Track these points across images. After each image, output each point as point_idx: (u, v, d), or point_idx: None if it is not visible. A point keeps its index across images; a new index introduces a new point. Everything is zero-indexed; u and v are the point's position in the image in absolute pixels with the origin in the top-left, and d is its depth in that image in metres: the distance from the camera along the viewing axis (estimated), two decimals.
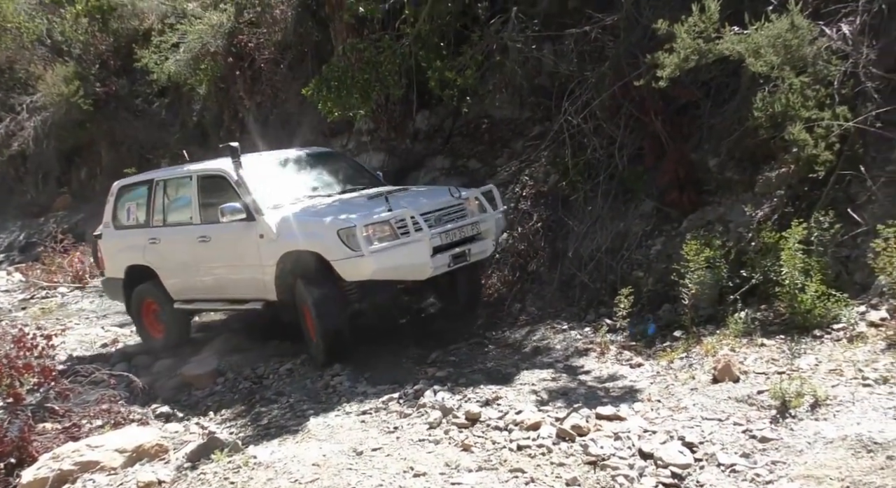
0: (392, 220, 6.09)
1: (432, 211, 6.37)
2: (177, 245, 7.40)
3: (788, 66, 5.20)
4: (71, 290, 10.98)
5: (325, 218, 6.25)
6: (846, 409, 3.81)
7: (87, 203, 15.26)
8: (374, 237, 5.98)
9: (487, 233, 6.65)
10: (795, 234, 4.93)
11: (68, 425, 5.47)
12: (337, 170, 7.74)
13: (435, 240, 6.18)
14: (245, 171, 6.81)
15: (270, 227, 6.46)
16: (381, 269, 6.03)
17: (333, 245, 6.03)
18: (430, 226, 6.21)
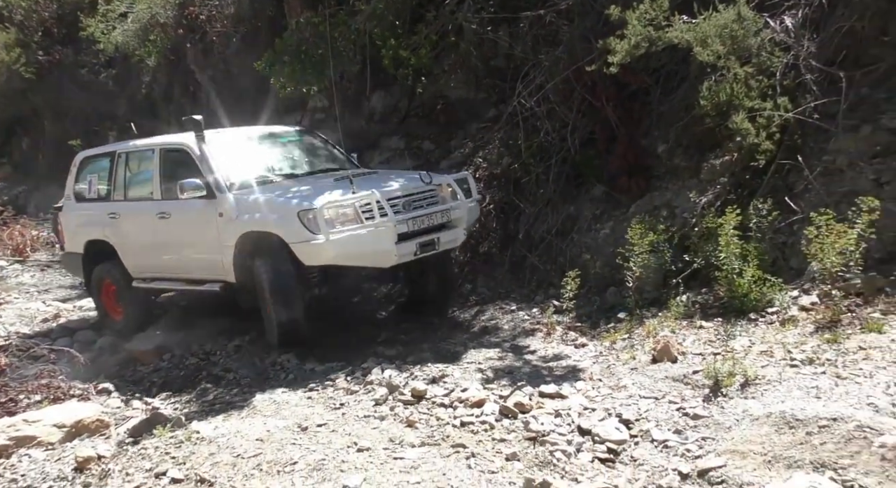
0: (356, 204, 5.81)
1: (401, 196, 6.08)
2: (136, 220, 7.15)
3: (734, 56, 5.34)
4: (11, 264, 10.65)
5: (286, 198, 6.01)
6: (773, 388, 3.97)
7: (29, 175, 14.81)
8: (337, 221, 5.74)
9: (459, 221, 6.37)
10: (731, 221, 5.09)
11: (4, 400, 5.36)
12: (307, 149, 7.46)
13: (401, 227, 5.90)
14: (208, 147, 6.58)
15: (231, 206, 6.23)
16: (341, 255, 5.79)
17: (293, 227, 5.76)
18: (398, 211, 5.94)
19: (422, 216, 6.09)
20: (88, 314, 8.20)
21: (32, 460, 4.36)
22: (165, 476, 3.84)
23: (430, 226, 6.14)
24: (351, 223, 5.77)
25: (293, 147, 7.41)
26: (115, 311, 7.59)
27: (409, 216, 5.99)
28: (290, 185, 6.41)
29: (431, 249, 6.13)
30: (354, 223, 5.78)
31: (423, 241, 6.05)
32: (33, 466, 4.27)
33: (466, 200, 6.47)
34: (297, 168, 7.07)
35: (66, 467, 4.20)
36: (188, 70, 11.86)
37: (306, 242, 5.74)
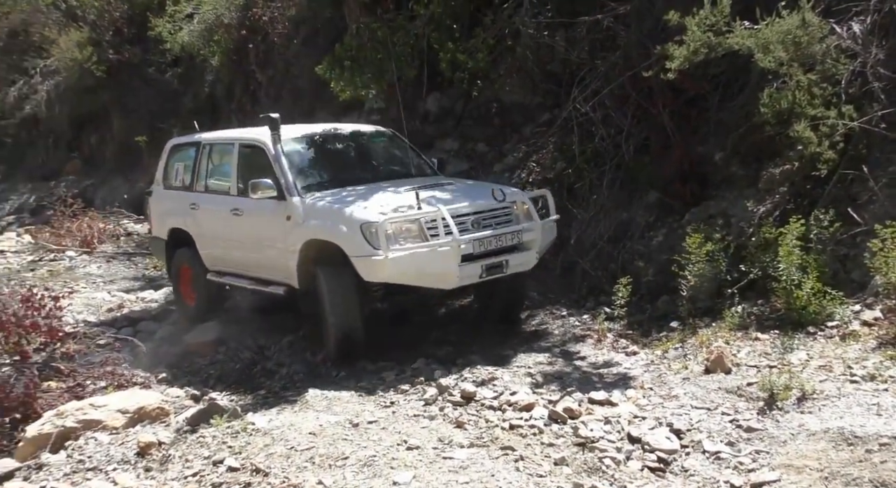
0: (422, 220, 5.55)
1: (469, 213, 5.74)
2: (213, 214, 7.08)
3: (797, 63, 5.23)
4: (79, 254, 11.10)
5: (352, 208, 5.73)
6: (831, 404, 3.90)
7: (97, 169, 15.39)
8: (399, 237, 5.48)
9: (531, 243, 5.94)
10: (793, 231, 5.00)
11: (73, 385, 5.61)
12: (388, 153, 7.16)
13: (466, 248, 5.55)
14: (283, 146, 6.41)
15: (299, 210, 6.04)
16: (400, 273, 5.53)
17: (355, 240, 5.54)
18: (464, 230, 5.60)
19: (490, 236, 5.74)
20: (150, 305, 8.50)
21: (98, 443, 4.56)
22: (223, 464, 3.98)
23: (499, 248, 5.78)
24: (414, 240, 5.51)
25: (373, 149, 7.23)
26: (190, 297, 7.63)
27: (476, 236, 5.65)
28: (362, 193, 6.14)
29: (499, 272, 5.77)
30: (418, 240, 5.52)
31: (491, 264, 5.71)
32: (99, 449, 4.48)
33: (542, 221, 6.08)
34: (374, 172, 6.83)
35: (129, 451, 4.38)
36: (249, 70, 12.17)
37: (366, 257, 5.50)
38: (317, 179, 6.44)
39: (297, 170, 6.37)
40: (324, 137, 7.00)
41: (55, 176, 15.79)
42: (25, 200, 15.18)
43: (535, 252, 5.99)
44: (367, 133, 7.38)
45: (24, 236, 12.58)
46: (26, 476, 4.35)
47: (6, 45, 16.66)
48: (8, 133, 16.64)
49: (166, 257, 7.91)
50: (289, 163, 6.33)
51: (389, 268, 5.46)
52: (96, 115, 15.56)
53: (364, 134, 7.34)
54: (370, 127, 7.67)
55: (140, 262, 10.67)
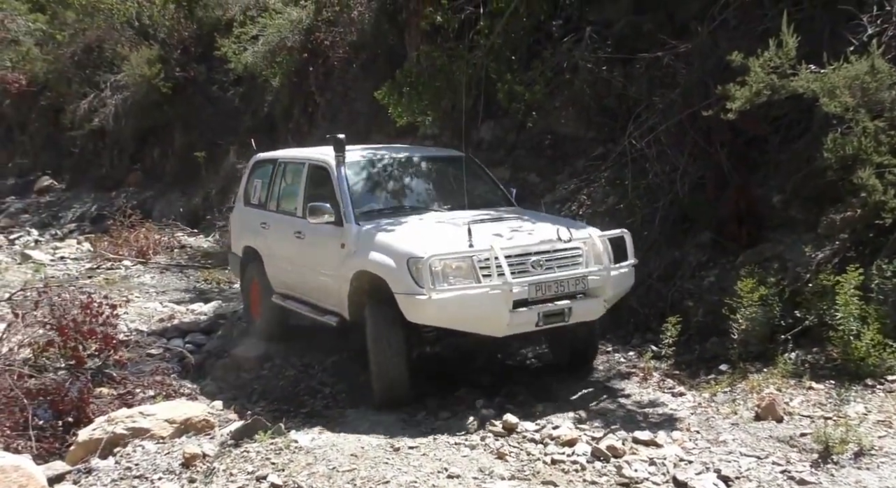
0: (475, 258, 5.07)
1: (529, 253, 5.23)
2: (279, 235, 6.86)
3: (864, 109, 5.14)
4: (134, 264, 11.43)
5: (403, 241, 5.34)
6: (891, 461, 3.76)
7: (157, 182, 15.90)
8: (448, 276, 5.03)
9: (599, 290, 5.40)
10: (851, 280, 4.87)
11: (123, 392, 5.76)
12: (457, 180, 6.51)
13: (520, 292, 5.05)
14: (347, 169, 6.15)
15: (352, 238, 5.72)
16: (445, 316, 5.10)
17: (400, 275, 5.13)
18: (525, 271, 5.14)
19: (551, 281, 5.20)
20: (200, 317, 8.68)
21: (145, 451, 4.66)
22: (266, 480, 4.02)
23: (560, 294, 5.25)
24: (464, 280, 5.04)
25: (445, 176, 6.73)
26: (257, 311, 7.51)
27: (533, 279, 5.13)
28: (420, 224, 5.80)
29: (559, 321, 5.22)
30: (469, 280, 5.05)
31: (550, 311, 5.17)
32: (146, 457, 4.57)
33: (616, 265, 5.53)
34: (442, 201, 6.33)
35: (175, 462, 4.45)
36: (309, 91, 12.47)
37: (410, 295, 5.07)
38: (378, 206, 6.17)
39: (358, 195, 6.11)
40: (392, 161, 6.62)
41: (117, 187, 16.35)
42: (87, 209, 15.75)
43: (602, 300, 5.43)
44: (440, 158, 6.97)
45: (84, 244, 13.03)
46: (76, 479, 4.46)
47: (80, 59, 17.41)
48: (76, 144, 17.33)
49: (241, 273, 7.83)
50: (350, 188, 6.06)
51: (433, 310, 5.02)
52: (159, 130, 16.12)
53: (437, 159, 6.94)
54: (445, 151, 7.22)
55: (192, 275, 10.93)
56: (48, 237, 14.08)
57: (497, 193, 6.64)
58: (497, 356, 6.68)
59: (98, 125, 16.20)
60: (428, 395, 5.62)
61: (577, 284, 5.33)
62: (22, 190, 17.76)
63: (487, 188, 6.66)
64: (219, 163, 14.39)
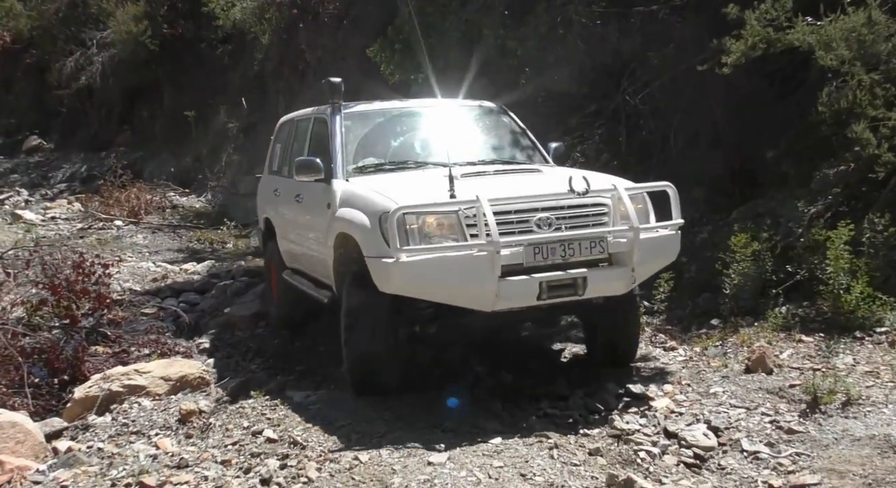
0: (461, 213, 4.12)
1: (522, 208, 4.20)
2: (285, 201, 6.14)
3: (860, 62, 5.09)
4: (126, 224, 11.39)
5: (380, 195, 4.44)
6: (878, 410, 3.83)
7: (147, 142, 15.74)
8: (430, 235, 4.12)
9: (625, 258, 4.30)
10: (842, 235, 4.89)
11: (118, 350, 5.79)
12: (483, 133, 5.76)
13: (511, 255, 4.06)
14: (346, 119, 5.38)
15: (336, 196, 4.89)
16: (416, 285, 4.17)
17: (371, 235, 4.28)
18: (515, 231, 4.15)
19: (554, 242, 4.16)
20: (193, 277, 8.68)
21: (142, 408, 4.71)
22: (262, 434, 4.06)
23: (570, 260, 4.19)
24: (448, 240, 4.12)
25: (467, 129, 5.76)
26: (275, 292, 6.75)
27: (530, 239, 4.13)
28: (417, 177, 4.96)
29: (569, 294, 4.20)
30: (449, 240, 4.12)
31: (555, 281, 4.14)
32: (142, 414, 4.62)
33: (651, 224, 4.50)
34: (460, 156, 5.03)
35: (171, 418, 4.51)
36: (299, 49, 12.25)
37: (377, 258, 4.20)
38: (377, 161, 5.29)
39: (355, 148, 5.30)
40: (403, 112, 5.77)
41: (107, 147, 16.18)
42: (77, 169, 15.59)
43: (629, 269, 4.30)
44: (465, 108, 6.00)
45: (75, 204, 12.95)
46: (73, 435, 4.51)
47: (65, 16, 17.03)
48: (63, 103, 17.07)
49: (264, 248, 7.06)
50: (344, 140, 5.24)
51: (401, 276, 4.11)
52: (148, 89, 15.88)
53: (459, 110, 5.98)
54: (471, 102, 6.16)
55: (184, 235, 10.92)
56: (38, 197, 13.96)
57: (529, 149, 5.68)
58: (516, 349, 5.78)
59: (85, 84, 15.90)
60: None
61: (593, 248, 4.21)
62: (10, 150, 17.55)
63: (517, 142, 5.70)
64: (209, 122, 14.23)
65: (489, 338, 5.55)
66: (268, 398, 4.66)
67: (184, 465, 3.78)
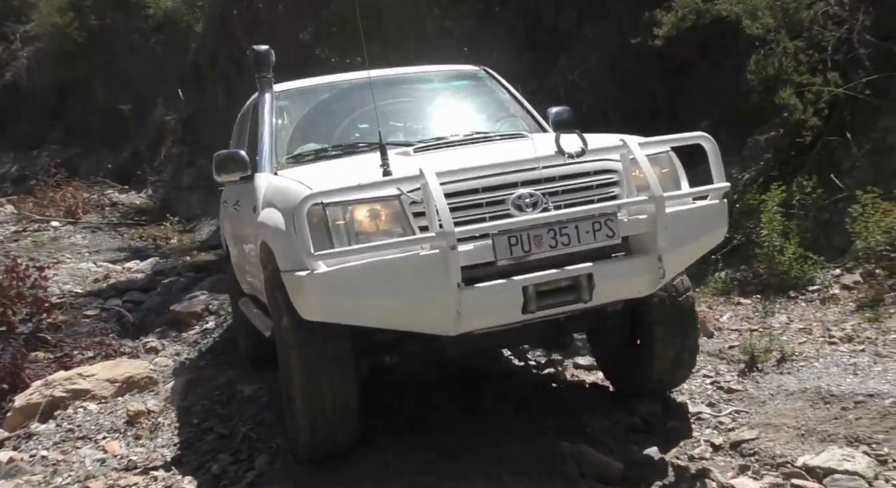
0: (404, 200, 2.90)
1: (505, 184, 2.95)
2: (229, 210, 5.02)
3: (784, 30, 5.24)
4: (63, 225, 11.03)
5: (296, 186, 3.19)
6: (810, 365, 3.99)
7: (81, 138, 15.22)
8: (354, 230, 2.90)
9: (646, 241, 3.05)
10: (775, 197, 5.05)
11: (60, 355, 5.62)
12: (458, 103, 4.56)
13: (474, 251, 2.85)
14: (276, 99, 4.22)
15: (258, 193, 3.72)
16: (336, 306, 2.93)
17: (283, 239, 3.10)
18: (500, 214, 2.92)
19: (539, 226, 2.90)
20: (137, 275, 8.48)
21: (87, 412, 4.59)
22: (213, 432, 4.02)
23: (567, 251, 2.93)
24: (383, 238, 2.87)
25: (437, 99, 4.56)
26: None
27: (500, 225, 2.88)
28: (357, 159, 3.71)
29: (571, 301, 2.95)
30: (391, 237, 2.87)
31: (546, 283, 2.91)
32: (88, 418, 4.50)
33: (682, 192, 3.23)
34: (429, 132, 4.04)
35: (119, 420, 4.41)
36: (235, 38, 11.99)
37: (290, 273, 3.00)
38: (323, 145, 4.03)
39: (289, 133, 4.16)
40: (353, 85, 4.40)
41: (38, 145, 15.61)
42: (7, 170, 15.02)
43: (655, 258, 3.01)
44: (436, 77, 4.71)
45: (7, 206, 12.46)
46: (16, 445, 4.37)
47: None
48: None
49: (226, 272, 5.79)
50: (275, 124, 4.11)
51: (319, 295, 2.88)
52: (80, 83, 15.35)
53: (431, 78, 4.68)
54: (443, 68, 4.89)
55: (125, 233, 10.64)
56: None
57: (521, 118, 4.40)
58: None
59: (11, 80, 15.31)
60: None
61: (598, 231, 2.91)
62: None
63: (504, 110, 4.45)
64: (146, 116, 13.84)
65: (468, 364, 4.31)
66: (218, 393, 4.60)
67: (133, 467, 3.72)
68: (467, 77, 4.71)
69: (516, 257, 2.89)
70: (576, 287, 2.94)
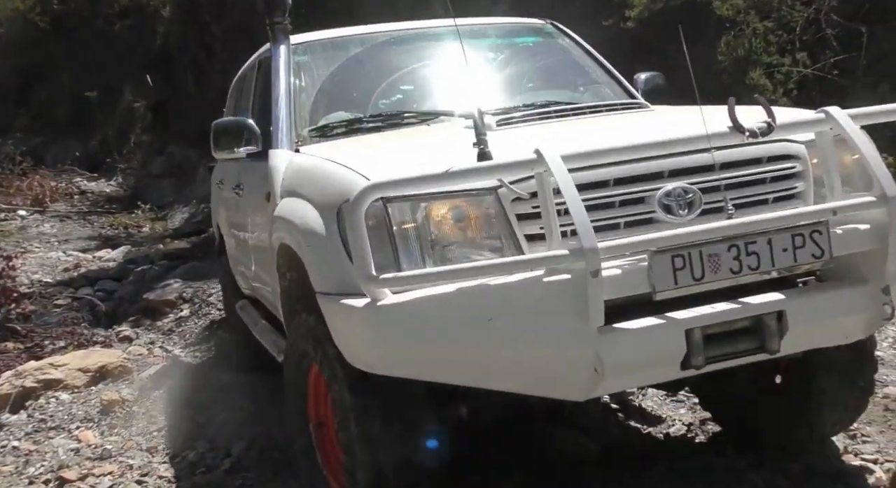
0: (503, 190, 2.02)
1: (644, 174, 2.09)
2: (226, 194, 4.29)
3: (754, 11, 5.30)
4: (31, 214, 10.87)
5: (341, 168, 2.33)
6: None
7: (47, 126, 14.94)
8: (430, 239, 2.03)
9: (865, 263, 2.11)
10: None
11: (30, 345, 5.57)
12: (528, 66, 3.66)
13: (622, 277, 1.95)
14: (294, 54, 3.30)
15: (277, 179, 2.85)
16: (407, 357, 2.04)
17: (322, 247, 2.27)
18: (638, 219, 2.08)
19: (716, 240, 1.98)
20: (108, 264, 8.38)
21: (60, 402, 4.54)
22: (189, 419, 3.99)
23: (745, 277, 2.02)
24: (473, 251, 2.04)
25: (499, 60, 3.62)
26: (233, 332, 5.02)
27: (666, 237, 1.96)
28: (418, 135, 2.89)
29: (752, 350, 2.03)
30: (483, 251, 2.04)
31: (716, 326, 1.98)
32: (61, 408, 4.45)
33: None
34: (494, 100, 3.12)
35: (92, 409, 4.37)
36: (204, 21, 11.80)
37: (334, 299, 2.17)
38: (350, 116, 3.18)
39: (312, 97, 3.27)
40: (392, 39, 3.56)
41: (2, 133, 15.31)
42: None
43: (876, 288, 2.09)
44: (495, 31, 3.85)
45: None
46: None
47: None
48: None
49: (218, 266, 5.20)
50: (293, 85, 3.20)
51: (384, 340, 2.02)
52: (45, 70, 15.06)
53: (489, 33, 3.76)
54: (507, 20, 4.23)
55: (96, 221, 10.51)
56: None
57: (606, 84, 3.62)
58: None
59: None
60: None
61: (802, 248, 2.03)
62: None
63: (584, 76, 3.66)
64: (114, 103, 13.61)
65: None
66: (193, 381, 4.57)
67: (107, 456, 3.69)
68: (533, 32, 3.82)
69: (684, 286, 1.95)
70: (758, 330, 1.99)
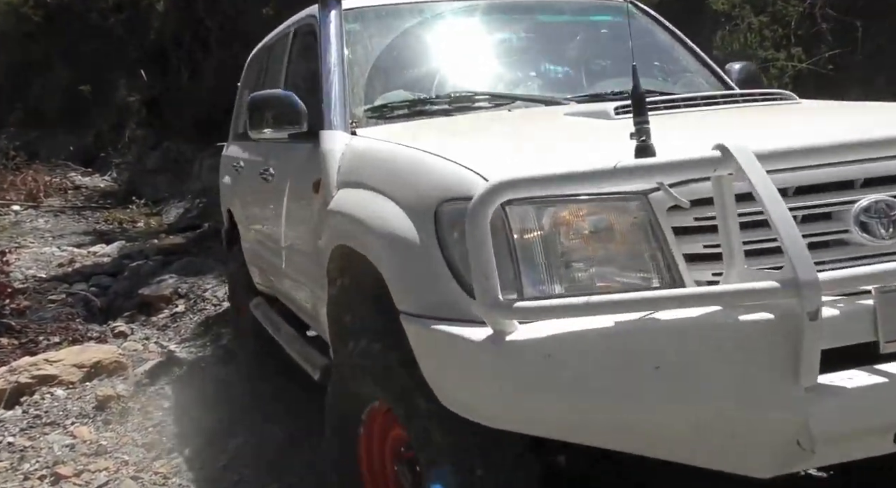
0: (657, 195, 1.55)
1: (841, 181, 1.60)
2: (248, 179, 3.91)
3: (749, 5, 5.30)
4: (25, 209, 10.84)
5: (433, 158, 1.87)
6: None
7: (41, 121, 14.88)
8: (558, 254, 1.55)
9: None
10: None
11: (25, 341, 5.55)
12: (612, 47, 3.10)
13: (844, 318, 1.46)
14: (346, 21, 2.85)
15: (331, 165, 2.42)
16: (537, 413, 1.52)
17: (406, 258, 1.78)
18: (819, 236, 1.60)
19: None
20: (103, 259, 8.36)
21: (55, 398, 4.53)
22: (185, 415, 3.99)
23: None
24: (617, 273, 1.56)
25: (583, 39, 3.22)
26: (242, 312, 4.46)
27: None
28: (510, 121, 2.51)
29: None
30: (629, 274, 1.56)
31: None
32: (56, 403, 4.45)
33: None
34: (571, 85, 2.92)
35: (88, 405, 4.36)
36: (198, 16, 11.75)
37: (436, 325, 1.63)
38: (412, 96, 2.77)
39: (367, 73, 2.84)
40: (458, 10, 3.14)
41: None
42: None
43: None
44: (570, 7, 3.40)
45: None
46: None
47: None
48: None
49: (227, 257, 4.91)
50: (346, 58, 2.75)
51: (512, 389, 1.47)
52: (38, 65, 15.00)
53: (563, 9, 3.37)
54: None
55: (90, 216, 10.48)
56: None
57: (699, 71, 3.27)
58: None
59: None
60: None
61: None
62: None
63: (675, 62, 3.26)
64: (109, 97, 13.56)
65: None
66: (189, 376, 4.57)
67: (103, 452, 3.69)
68: (612, 10, 3.30)
69: None
70: None
